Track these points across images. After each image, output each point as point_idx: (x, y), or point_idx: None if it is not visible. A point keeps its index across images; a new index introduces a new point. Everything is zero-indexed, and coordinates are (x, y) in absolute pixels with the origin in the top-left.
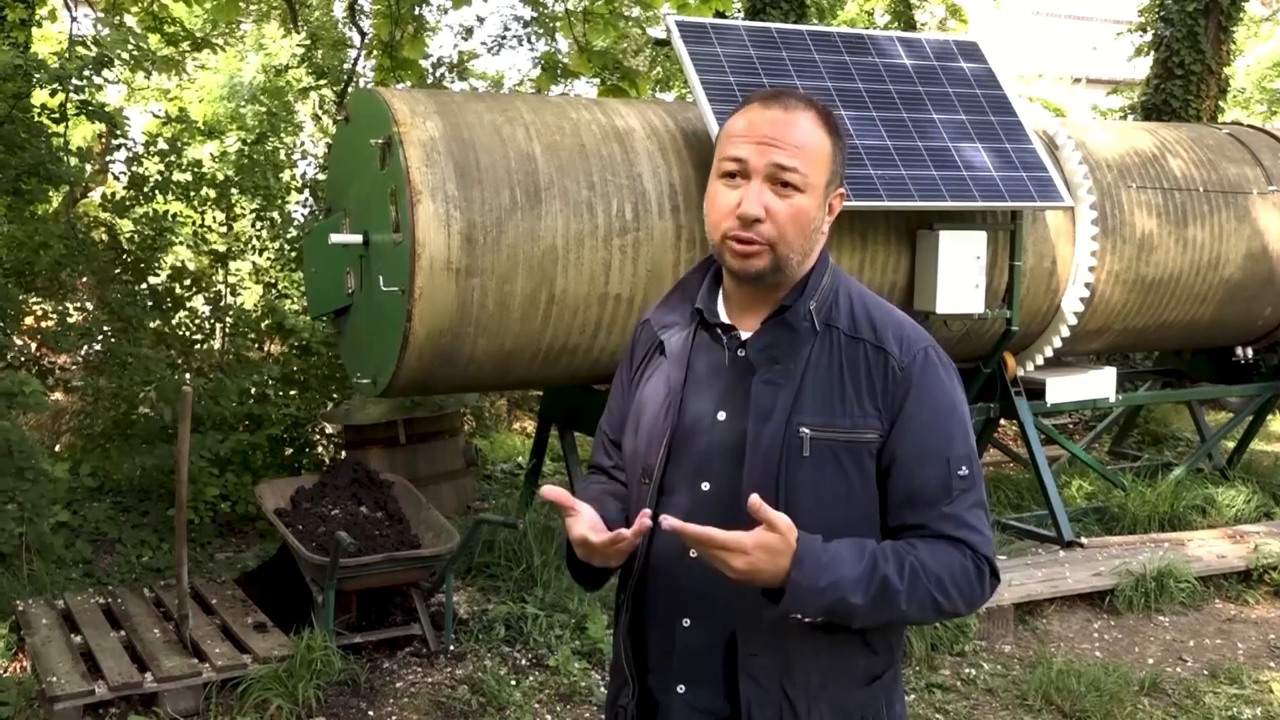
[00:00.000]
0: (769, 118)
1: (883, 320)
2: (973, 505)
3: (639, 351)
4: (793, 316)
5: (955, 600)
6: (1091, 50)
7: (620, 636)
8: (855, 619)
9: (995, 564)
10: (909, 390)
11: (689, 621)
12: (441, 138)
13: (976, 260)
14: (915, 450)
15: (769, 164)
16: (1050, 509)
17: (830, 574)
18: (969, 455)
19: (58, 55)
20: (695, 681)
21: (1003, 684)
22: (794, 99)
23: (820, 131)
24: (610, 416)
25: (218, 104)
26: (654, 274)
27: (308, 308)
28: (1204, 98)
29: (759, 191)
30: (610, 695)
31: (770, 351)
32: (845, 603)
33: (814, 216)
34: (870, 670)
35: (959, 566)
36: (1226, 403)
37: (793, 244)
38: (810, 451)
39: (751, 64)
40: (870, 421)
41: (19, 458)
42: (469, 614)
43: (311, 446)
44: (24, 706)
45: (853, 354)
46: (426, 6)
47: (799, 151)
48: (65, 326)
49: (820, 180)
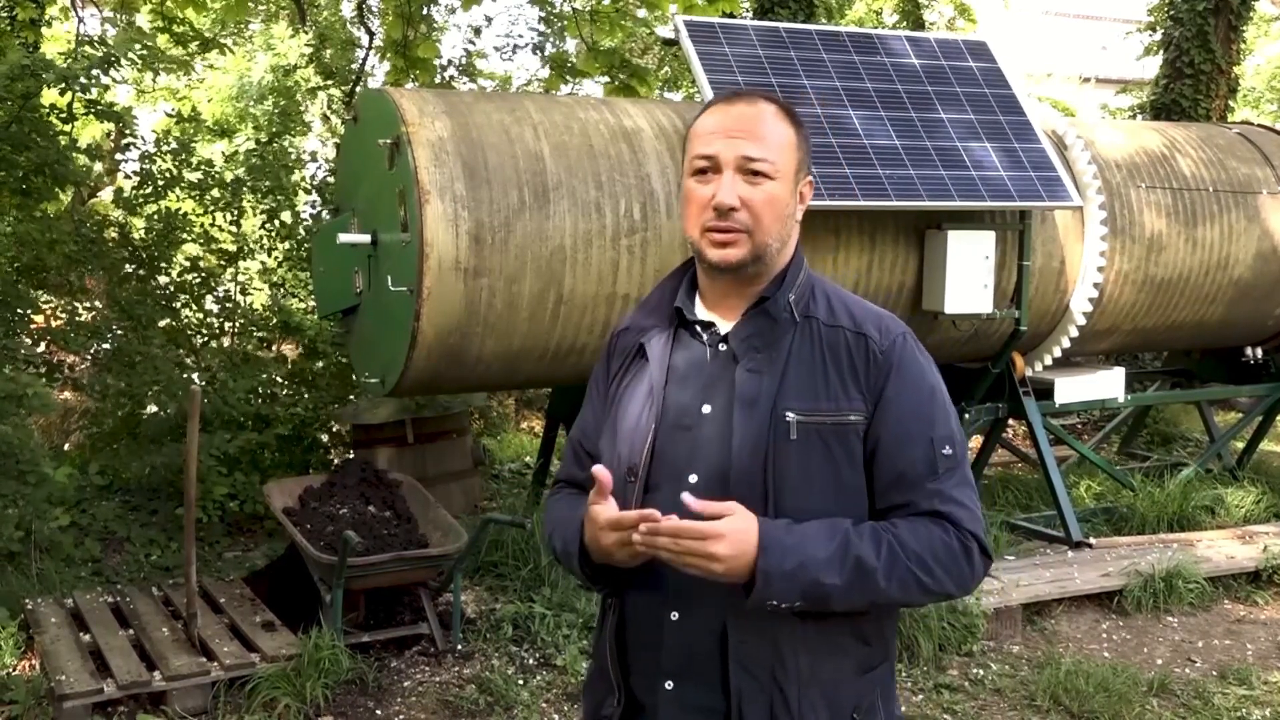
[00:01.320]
0: (734, 114)
1: (861, 311)
2: (959, 483)
3: (616, 360)
4: (773, 307)
5: (941, 579)
6: (1101, 50)
7: (605, 642)
8: (834, 601)
9: (984, 541)
10: (889, 373)
11: (677, 615)
12: (450, 138)
13: (985, 260)
14: (899, 432)
15: (738, 156)
16: (1059, 509)
17: (797, 555)
18: (951, 436)
19: (65, 55)
20: (684, 677)
21: (1011, 684)
22: (754, 95)
23: (783, 123)
24: (585, 427)
25: (227, 104)
26: (662, 274)
27: (316, 307)
28: (1214, 97)
29: (732, 182)
30: (588, 709)
31: (752, 341)
32: (819, 585)
33: (786, 203)
34: (864, 661)
35: (941, 543)
36: (1236, 403)
37: (769, 230)
38: (797, 436)
39: (760, 64)
40: (855, 404)
41: (22, 461)
42: (476, 613)
43: (320, 446)
44: (33, 705)
45: (833, 340)
46: (435, 6)
47: (765, 142)
48: (75, 325)
49: (788, 168)
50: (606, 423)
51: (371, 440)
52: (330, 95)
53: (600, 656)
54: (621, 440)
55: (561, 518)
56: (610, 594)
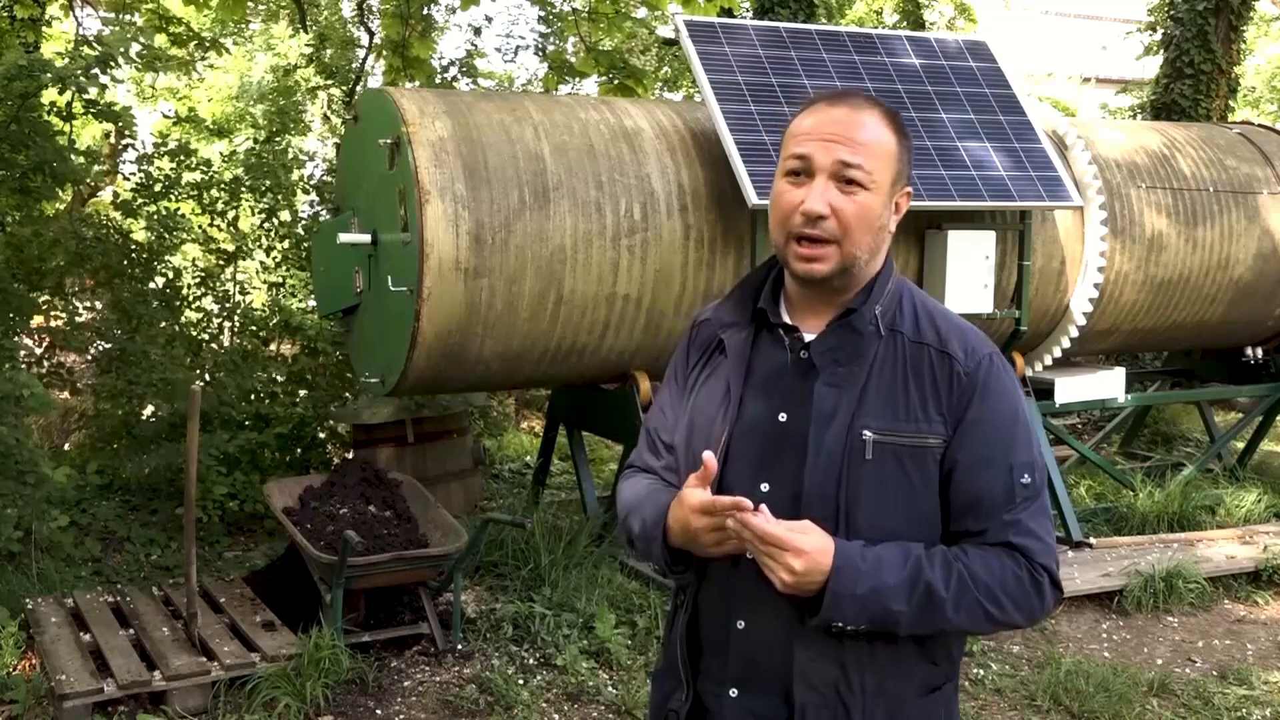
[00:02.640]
0: (834, 116)
1: (946, 326)
2: (1035, 513)
3: (695, 351)
4: (858, 320)
5: (1009, 611)
6: (1101, 49)
7: (676, 638)
8: (900, 627)
9: (1056, 575)
10: (973, 396)
11: (743, 624)
12: (450, 138)
13: (985, 260)
14: (978, 456)
15: (834, 161)
16: (1059, 509)
17: (870, 580)
18: (1032, 463)
19: (61, 54)
20: (749, 686)
21: (1011, 684)
22: (859, 98)
23: (886, 130)
24: (663, 417)
25: (227, 103)
26: (662, 274)
27: (316, 306)
28: (1214, 97)
29: (824, 188)
30: (657, 698)
31: (834, 354)
32: (887, 610)
33: (879, 215)
34: (929, 680)
35: (1012, 576)
36: (1236, 403)
37: (859, 242)
38: (873, 455)
39: (760, 64)
40: (935, 427)
41: (21, 462)
42: (477, 613)
43: (320, 445)
44: (33, 704)
45: (917, 358)
46: (435, 6)
47: (864, 149)
48: (74, 325)
49: (885, 178)
50: (684, 414)
51: (372, 440)
52: (330, 95)
53: (671, 651)
54: (697, 438)
55: (640, 500)
56: (684, 584)
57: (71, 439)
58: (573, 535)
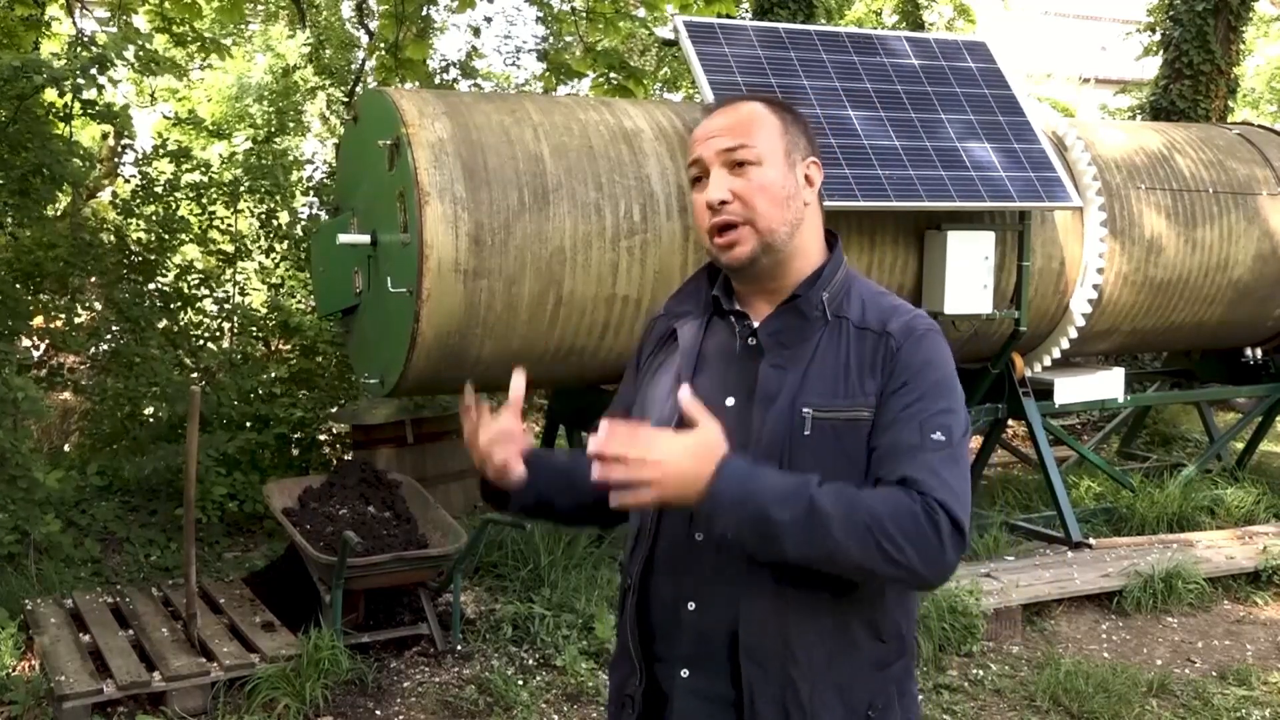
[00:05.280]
0: (713, 120)
1: (890, 311)
2: (944, 460)
3: (649, 344)
4: (804, 304)
5: (903, 546)
6: (1100, 50)
7: (626, 622)
8: (784, 542)
9: (958, 517)
10: (897, 364)
11: (694, 605)
12: (450, 139)
13: (984, 261)
14: (892, 415)
15: (717, 152)
16: (1058, 510)
17: (751, 484)
18: (947, 426)
19: (59, 55)
20: (699, 666)
21: (1010, 685)
22: (739, 99)
23: (763, 109)
24: (616, 410)
25: (226, 104)
26: (662, 275)
27: (315, 307)
28: (1213, 98)
29: (719, 178)
30: (614, 684)
31: (779, 336)
32: (767, 519)
33: (782, 185)
34: (880, 658)
35: (906, 509)
36: (1235, 403)
37: (770, 216)
38: (811, 430)
39: (760, 64)
40: (870, 400)
41: (14, 467)
42: (476, 614)
43: (319, 446)
44: (32, 705)
45: (860, 342)
46: (433, 7)
47: (741, 129)
48: (73, 327)
49: (774, 150)
50: (635, 404)
51: (371, 440)
52: (330, 95)
53: (622, 636)
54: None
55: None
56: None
57: (71, 440)
58: (572, 536)
